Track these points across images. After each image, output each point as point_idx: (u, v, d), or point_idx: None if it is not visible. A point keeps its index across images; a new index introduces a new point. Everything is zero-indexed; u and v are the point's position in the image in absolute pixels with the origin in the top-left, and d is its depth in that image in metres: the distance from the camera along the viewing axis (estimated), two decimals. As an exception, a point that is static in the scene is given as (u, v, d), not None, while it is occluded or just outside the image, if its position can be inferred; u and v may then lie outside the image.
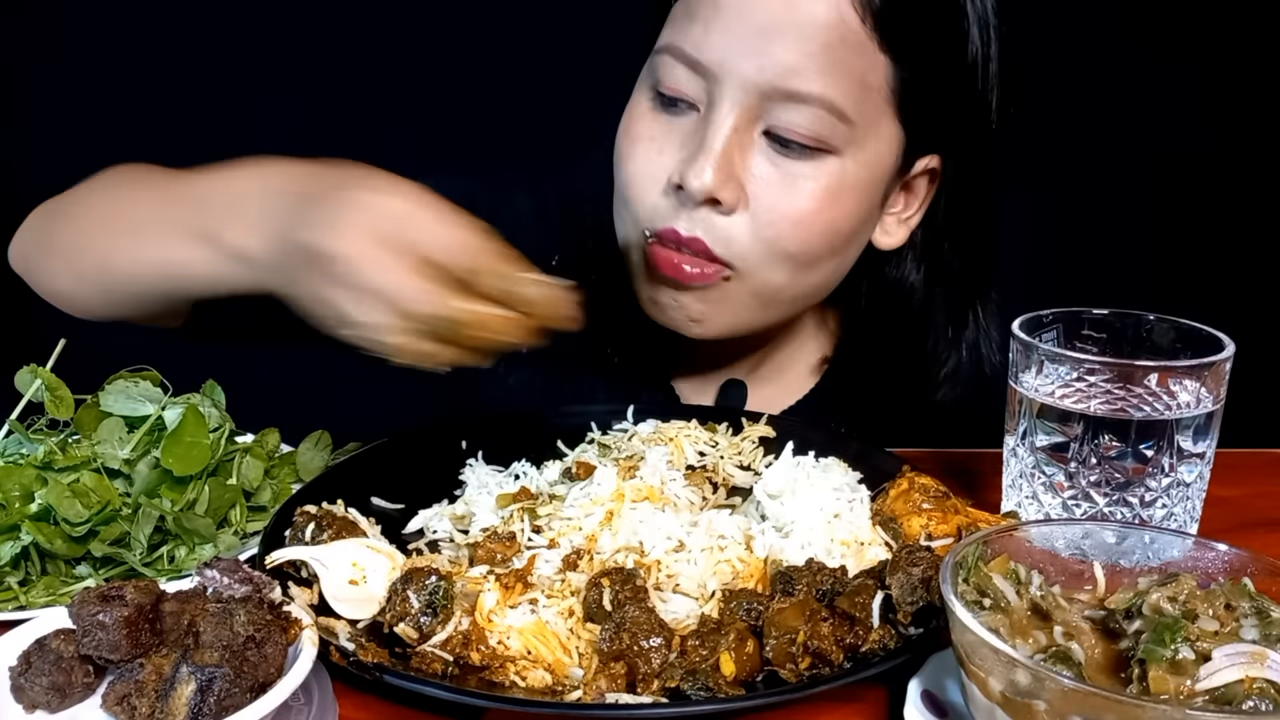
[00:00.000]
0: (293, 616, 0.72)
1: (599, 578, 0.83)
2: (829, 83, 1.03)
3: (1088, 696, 0.60)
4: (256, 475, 1.03)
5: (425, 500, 1.02)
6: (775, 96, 1.03)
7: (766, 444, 1.11)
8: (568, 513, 0.94)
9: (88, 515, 0.91)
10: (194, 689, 0.65)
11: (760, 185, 1.06)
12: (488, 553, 0.90)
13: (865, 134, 1.07)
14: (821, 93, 1.03)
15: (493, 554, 0.90)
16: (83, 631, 0.70)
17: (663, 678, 0.77)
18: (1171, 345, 0.96)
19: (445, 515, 1.00)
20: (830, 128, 1.05)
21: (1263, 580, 0.71)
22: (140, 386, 1.02)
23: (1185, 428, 0.90)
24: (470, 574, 0.85)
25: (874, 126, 1.08)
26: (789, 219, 1.07)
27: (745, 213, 1.07)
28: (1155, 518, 0.92)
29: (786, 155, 1.06)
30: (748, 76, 1.03)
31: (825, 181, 1.07)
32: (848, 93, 1.04)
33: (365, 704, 0.77)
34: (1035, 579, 0.73)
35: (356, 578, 0.84)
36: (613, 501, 0.94)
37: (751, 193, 1.07)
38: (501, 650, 0.79)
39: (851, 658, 0.79)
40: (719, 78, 1.04)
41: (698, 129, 1.07)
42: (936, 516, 0.93)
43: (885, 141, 1.10)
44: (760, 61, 1.02)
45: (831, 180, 1.07)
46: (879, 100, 1.07)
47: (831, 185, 1.07)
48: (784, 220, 1.07)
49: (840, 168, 1.07)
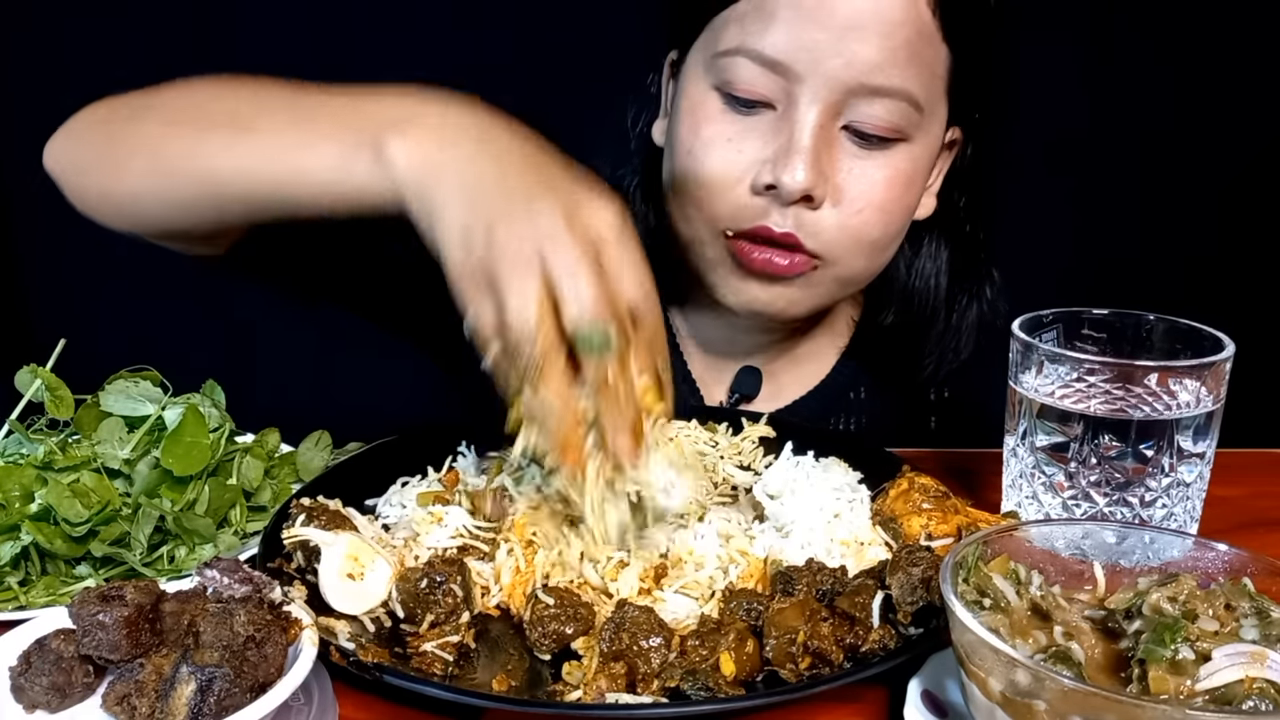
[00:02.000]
0: (293, 616, 0.72)
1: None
2: (908, 75, 1.08)
3: (1088, 696, 0.60)
4: (256, 475, 1.03)
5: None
6: (859, 92, 1.07)
7: (766, 444, 1.11)
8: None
9: (88, 515, 0.91)
10: (194, 689, 0.65)
11: (846, 177, 1.11)
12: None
13: (929, 119, 1.13)
14: (903, 85, 1.08)
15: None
16: (83, 631, 0.70)
17: (663, 678, 0.77)
18: (1171, 345, 0.96)
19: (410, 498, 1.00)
20: (907, 118, 1.10)
21: (1263, 580, 0.71)
22: (140, 386, 1.02)
23: (1185, 428, 0.90)
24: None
25: (935, 112, 1.14)
26: (874, 207, 1.12)
27: (832, 206, 1.11)
28: (1155, 518, 0.92)
29: (866, 146, 1.11)
30: (833, 74, 1.06)
31: (903, 168, 1.12)
32: (922, 83, 1.09)
33: (365, 704, 0.77)
34: (1035, 579, 0.73)
35: (354, 572, 0.84)
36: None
37: (837, 185, 1.11)
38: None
39: (851, 658, 0.79)
40: (802, 76, 1.07)
41: (778, 128, 1.10)
42: (936, 516, 0.93)
43: (940, 124, 1.16)
44: (845, 59, 1.06)
45: (907, 166, 1.13)
46: (940, 86, 1.13)
47: (908, 170, 1.13)
48: (869, 208, 1.12)
49: (911, 153, 1.13)
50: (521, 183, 0.80)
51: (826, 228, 1.11)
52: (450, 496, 0.98)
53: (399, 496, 1.00)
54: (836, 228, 1.11)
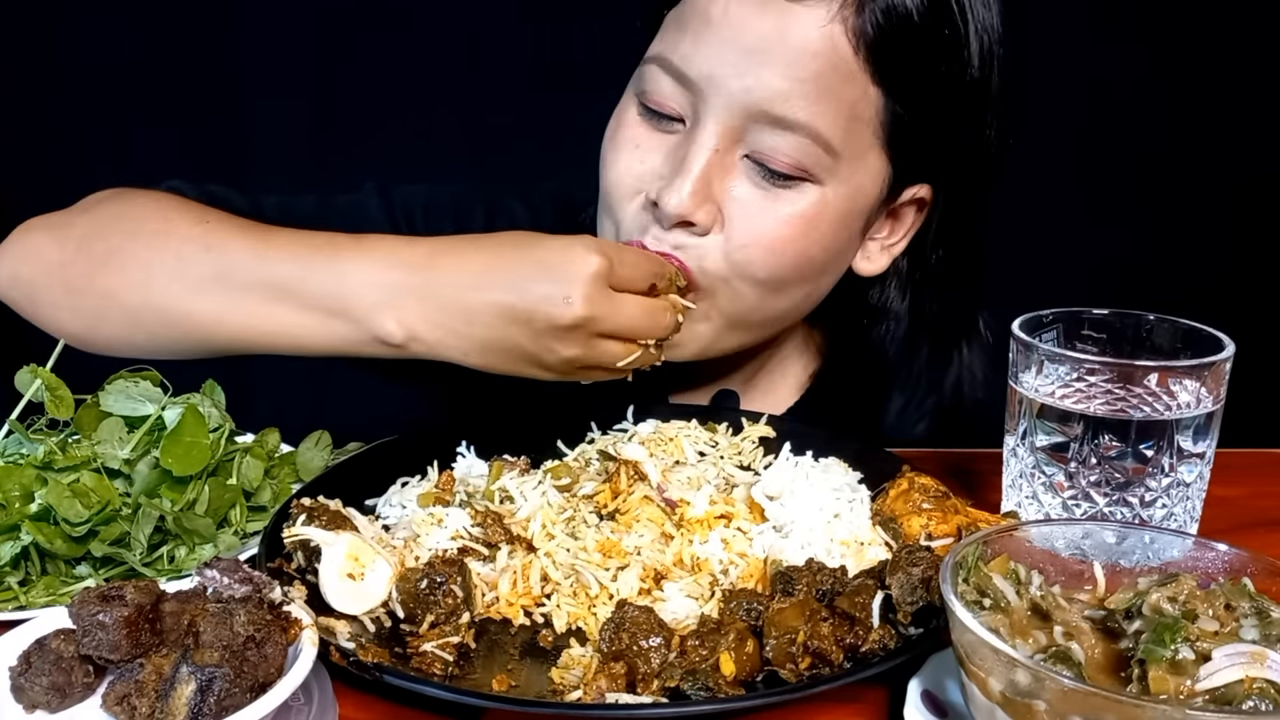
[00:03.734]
0: (293, 616, 0.72)
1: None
2: (816, 111, 1.01)
3: (1088, 696, 0.60)
4: (256, 475, 1.03)
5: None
6: (761, 120, 1.02)
7: (766, 444, 1.11)
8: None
9: (88, 515, 0.91)
10: (194, 689, 0.65)
11: (737, 208, 1.05)
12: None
13: (850, 166, 1.05)
14: (808, 121, 1.01)
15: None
16: (83, 631, 0.70)
17: (663, 678, 0.77)
18: (1171, 345, 0.96)
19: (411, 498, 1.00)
20: (814, 157, 1.03)
21: (1263, 580, 0.71)
22: (140, 386, 1.02)
23: (1185, 428, 0.90)
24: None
25: (860, 159, 1.06)
26: (762, 244, 1.05)
27: (719, 233, 1.06)
28: (1155, 518, 0.92)
29: (767, 180, 1.04)
30: (734, 96, 1.01)
31: (803, 209, 1.05)
32: (835, 123, 1.02)
33: (365, 704, 0.78)
34: (1035, 579, 0.73)
35: (355, 572, 0.84)
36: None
37: (728, 214, 1.05)
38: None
39: (851, 658, 0.79)
40: (705, 94, 1.03)
41: (680, 145, 1.06)
42: (936, 516, 0.93)
43: (870, 174, 1.08)
44: (747, 82, 1.01)
45: (810, 209, 1.05)
46: (867, 132, 1.05)
47: (809, 214, 1.05)
48: (756, 245, 1.05)
49: (820, 197, 1.05)
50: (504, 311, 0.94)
51: (709, 255, 1.05)
52: (450, 498, 0.98)
53: (399, 497, 1.00)
54: (720, 257, 1.05)
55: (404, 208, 1.29)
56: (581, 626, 0.87)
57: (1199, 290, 2.27)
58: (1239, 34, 2.29)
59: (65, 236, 1.10)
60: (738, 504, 0.97)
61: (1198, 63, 2.29)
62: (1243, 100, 2.33)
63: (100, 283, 1.05)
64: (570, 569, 0.90)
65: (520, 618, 0.87)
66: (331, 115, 2.24)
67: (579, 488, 0.98)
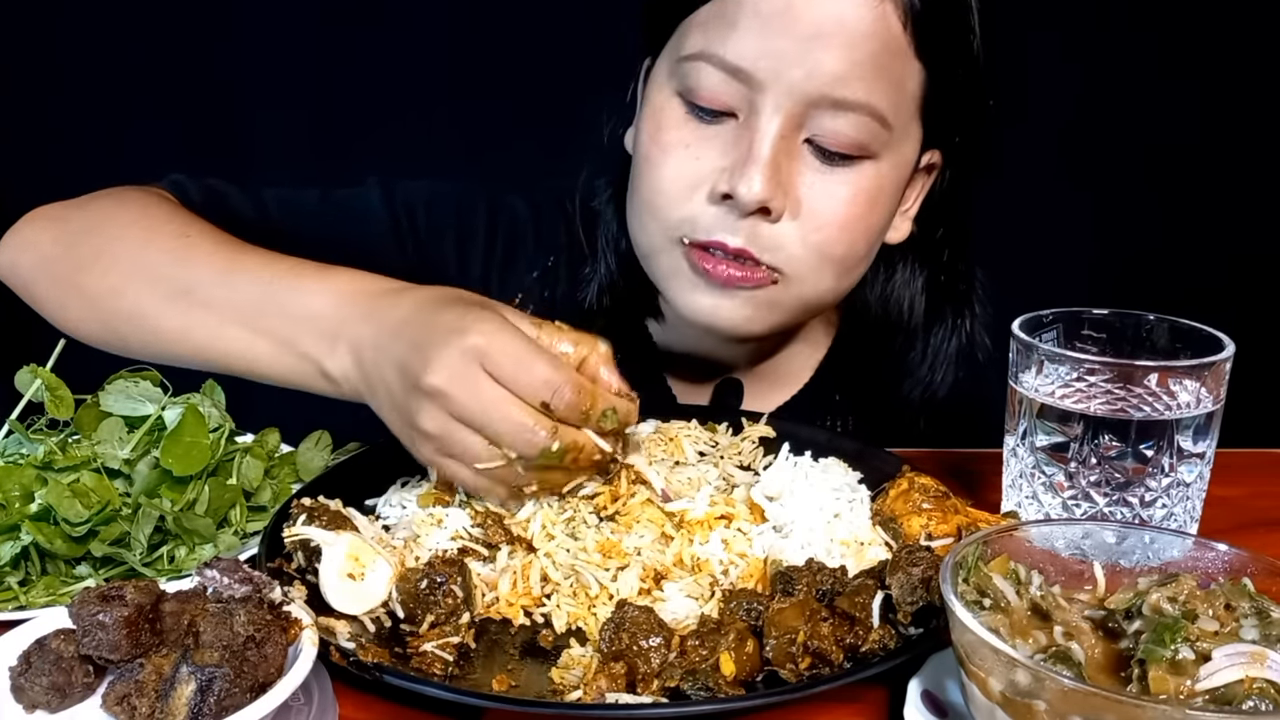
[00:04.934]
0: (293, 616, 0.72)
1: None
2: (874, 90, 1.04)
3: (1088, 696, 0.60)
4: (256, 475, 1.03)
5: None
6: (822, 104, 1.04)
7: (766, 444, 1.11)
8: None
9: (88, 515, 0.91)
10: (194, 689, 0.65)
11: (806, 191, 1.07)
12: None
13: (899, 137, 1.09)
14: (867, 100, 1.04)
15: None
16: (83, 631, 0.70)
17: (663, 677, 0.77)
18: (1171, 345, 0.96)
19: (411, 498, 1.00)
20: (873, 134, 1.06)
21: (1263, 580, 0.71)
22: (140, 386, 1.02)
23: (1185, 428, 0.90)
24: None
25: (905, 130, 1.10)
26: (835, 224, 1.08)
27: (791, 220, 1.07)
28: (1155, 518, 0.92)
29: (829, 161, 1.07)
30: (795, 84, 1.03)
31: (866, 186, 1.08)
32: (889, 99, 1.05)
33: (365, 704, 0.77)
34: (1035, 579, 0.73)
35: (355, 572, 0.84)
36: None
37: (797, 199, 1.07)
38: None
39: (851, 658, 0.79)
40: (764, 85, 1.04)
41: (739, 137, 1.06)
42: (936, 516, 0.93)
43: (912, 144, 1.13)
44: (808, 69, 1.02)
45: (871, 184, 1.09)
46: (911, 104, 1.09)
47: (872, 189, 1.09)
48: (830, 225, 1.08)
49: (877, 171, 1.09)
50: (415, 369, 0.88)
51: (787, 243, 1.08)
52: (450, 498, 0.98)
53: (399, 497, 1.00)
54: (797, 243, 1.08)
55: (405, 203, 1.28)
56: (581, 626, 0.87)
57: (1199, 290, 2.27)
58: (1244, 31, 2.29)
59: (60, 231, 1.13)
60: (738, 504, 0.97)
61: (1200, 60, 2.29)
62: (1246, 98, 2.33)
63: (82, 282, 1.09)
64: (570, 569, 0.90)
65: (520, 618, 0.87)
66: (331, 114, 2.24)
67: (579, 489, 0.98)
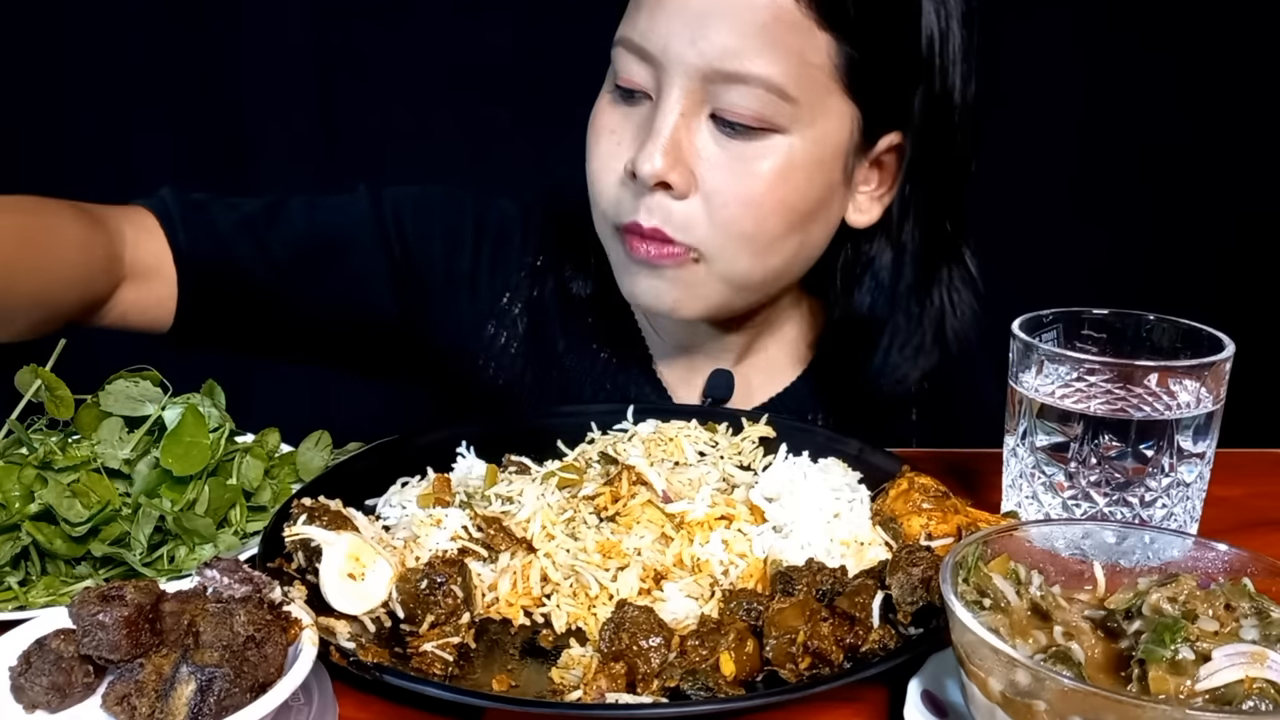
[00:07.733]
0: (293, 616, 0.72)
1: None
2: (767, 61, 1.05)
3: (1088, 696, 0.60)
4: (256, 475, 1.02)
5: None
6: (717, 79, 1.06)
7: (766, 444, 1.11)
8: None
9: (88, 515, 0.91)
10: (194, 689, 0.65)
11: (709, 168, 1.09)
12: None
13: (812, 111, 1.09)
14: (760, 72, 1.05)
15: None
16: (83, 631, 0.70)
17: (662, 678, 0.77)
18: (1171, 345, 0.96)
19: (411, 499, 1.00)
20: (773, 106, 1.07)
21: (1263, 580, 0.71)
22: (140, 386, 1.02)
23: (1185, 428, 0.90)
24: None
25: (820, 103, 1.09)
26: (740, 200, 1.09)
27: (698, 196, 1.10)
28: (1155, 518, 0.92)
29: (733, 137, 1.08)
30: (689, 61, 1.06)
31: (773, 160, 1.09)
32: (787, 71, 1.06)
33: (365, 704, 0.77)
34: (1035, 579, 0.73)
35: (355, 572, 0.84)
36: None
37: (701, 175, 1.09)
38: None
39: (851, 658, 0.79)
40: (664, 64, 1.08)
41: (648, 116, 1.10)
42: (936, 516, 0.93)
43: (835, 119, 1.11)
44: (699, 45, 1.05)
45: (779, 159, 1.09)
46: (823, 77, 1.08)
47: (779, 164, 1.09)
48: (735, 201, 1.09)
49: (788, 145, 1.09)
50: None
51: (698, 222, 1.10)
52: (450, 499, 0.98)
53: (399, 497, 1.00)
54: (706, 220, 1.10)
55: (393, 208, 1.30)
56: (581, 626, 0.87)
57: (1199, 290, 2.27)
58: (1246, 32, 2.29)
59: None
60: (738, 505, 0.97)
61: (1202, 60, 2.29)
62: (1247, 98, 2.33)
63: None
64: (570, 569, 0.90)
65: (520, 618, 0.87)
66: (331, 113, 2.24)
67: (579, 489, 0.98)
